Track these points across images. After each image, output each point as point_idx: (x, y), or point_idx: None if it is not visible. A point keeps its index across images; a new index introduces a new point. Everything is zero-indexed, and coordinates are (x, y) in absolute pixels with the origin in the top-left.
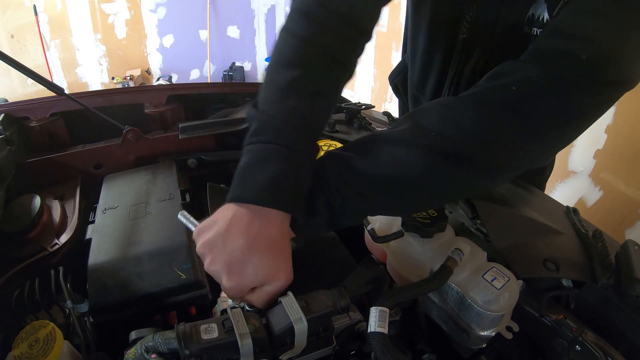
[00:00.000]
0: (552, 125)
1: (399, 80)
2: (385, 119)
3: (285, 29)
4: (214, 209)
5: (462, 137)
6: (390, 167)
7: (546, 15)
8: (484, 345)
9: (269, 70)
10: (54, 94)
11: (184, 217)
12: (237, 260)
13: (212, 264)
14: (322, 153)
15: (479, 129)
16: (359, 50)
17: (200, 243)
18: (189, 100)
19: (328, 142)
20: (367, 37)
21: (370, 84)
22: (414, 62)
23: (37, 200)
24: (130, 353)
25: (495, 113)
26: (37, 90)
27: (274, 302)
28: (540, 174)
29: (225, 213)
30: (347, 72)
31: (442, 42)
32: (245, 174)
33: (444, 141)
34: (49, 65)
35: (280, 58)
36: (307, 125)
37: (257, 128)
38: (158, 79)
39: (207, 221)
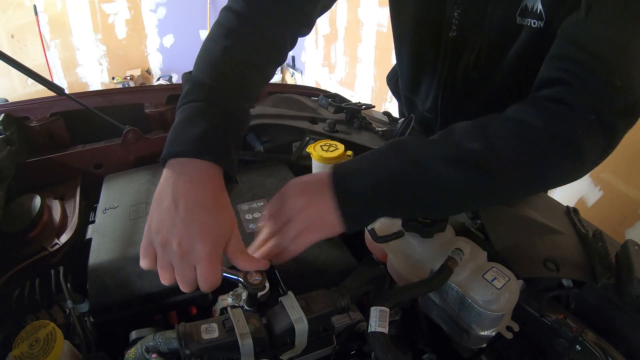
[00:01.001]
0: (598, 154)
1: (392, 84)
2: (385, 118)
3: (225, 8)
4: None
5: (505, 162)
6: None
7: (539, 6)
8: (484, 345)
9: (205, 41)
10: (54, 94)
11: None
12: (169, 218)
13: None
14: (322, 153)
15: (527, 160)
16: (294, 31)
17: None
18: None
19: (328, 142)
20: (307, 19)
21: (371, 84)
22: (402, 65)
23: (38, 200)
24: (131, 353)
25: (546, 148)
26: (37, 90)
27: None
28: None
29: (163, 182)
30: (278, 50)
31: (429, 43)
32: (176, 132)
33: (486, 162)
34: (49, 65)
35: (217, 31)
36: (236, 88)
37: (189, 90)
38: (158, 79)
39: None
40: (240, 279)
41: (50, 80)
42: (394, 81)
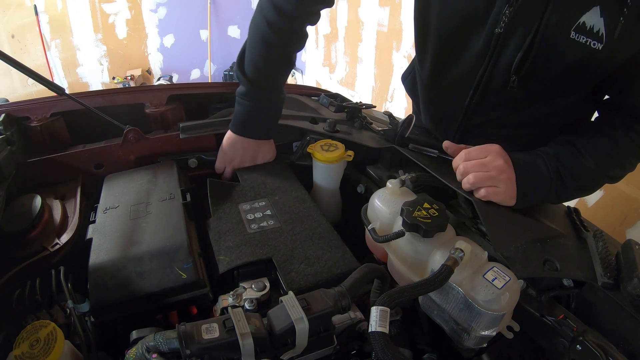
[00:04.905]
0: None
1: (408, 83)
2: (386, 118)
3: (259, 17)
4: (214, 205)
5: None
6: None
7: (603, 30)
8: (485, 345)
9: (248, 46)
10: (54, 94)
11: None
12: (236, 154)
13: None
14: (323, 153)
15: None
16: (313, 22)
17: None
18: (190, 100)
19: (329, 141)
20: (318, 16)
21: (371, 84)
22: (425, 59)
23: (38, 200)
24: (131, 353)
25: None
26: (37, 90)
27: None
28: None
29: (233, 140)
30: (301, 42)
31: (467, 36)
32: (239, 119)
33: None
34: (50, 65)
35: (255, 38)
36: (277, 87)
37: (245, 92)
38: (159, 79)
39: (226, 145)
40: None
41: (51, 80)
42: (411, 79)
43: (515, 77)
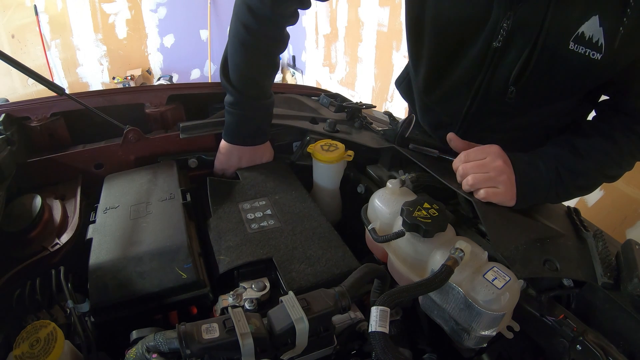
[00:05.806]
0: None
1: (403, 88)
2: (386, 118)
3: (237, 22)
4: (214, 204)
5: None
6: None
7: (602, 40)
8: (485, 345)
9: (230, 54)
10: (54, 94)
11: None
12: (233, 162)
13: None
14: (323, 153)
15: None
16: (290, 23)
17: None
18: (190, 100)
19: (329, 141)
20: (296, 17)
21: (371, 84)
22: (420, 68)
23: (38, 200)
24: (132, 353)
25: None
26: (37, 90)
27: None
28: None
29: (228, 150)
30: (283, 44)
31: (462, 49)
32: (231, 128)
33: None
34: (50, 65)
35: (236, 47)
36: (264, 92)
37: (234, 101)
38: (159, 79)
39: (223, 154)
40: None
41: (51, 80)
42: (406, 84)
43: (513, 89)
